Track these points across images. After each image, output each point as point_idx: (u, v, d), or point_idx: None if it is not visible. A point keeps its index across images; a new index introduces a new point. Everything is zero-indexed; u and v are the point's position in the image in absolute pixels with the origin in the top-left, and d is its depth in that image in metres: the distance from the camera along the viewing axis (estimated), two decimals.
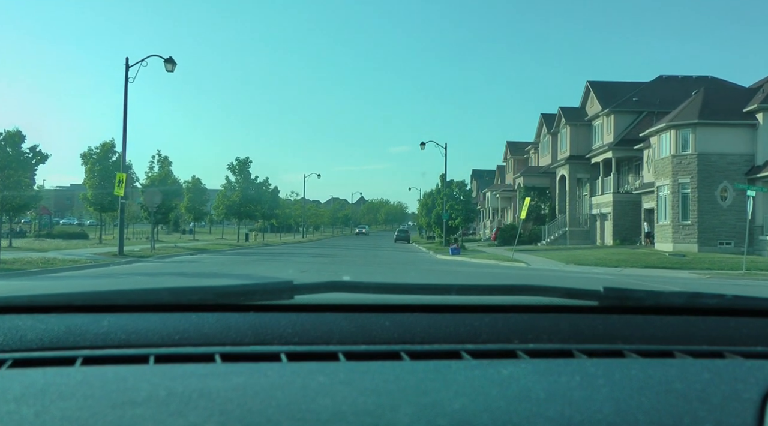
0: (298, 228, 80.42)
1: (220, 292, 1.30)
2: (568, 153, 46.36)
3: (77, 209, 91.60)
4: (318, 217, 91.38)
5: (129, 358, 1.05)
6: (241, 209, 48.03)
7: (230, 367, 1.00)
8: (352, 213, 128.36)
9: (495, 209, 67.95)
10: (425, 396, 0.87)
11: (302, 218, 79.90)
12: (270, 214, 56.05)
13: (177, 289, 1.31)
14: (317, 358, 1.08)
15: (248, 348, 1.11)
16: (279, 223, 66.47)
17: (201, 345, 1.12)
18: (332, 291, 1.31)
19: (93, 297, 1.32)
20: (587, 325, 1.27)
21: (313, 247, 46.86)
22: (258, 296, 1.29)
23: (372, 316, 1.24)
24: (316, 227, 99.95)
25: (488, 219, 70.26)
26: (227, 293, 1.29)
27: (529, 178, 51.71)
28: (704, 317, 1.34)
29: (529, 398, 0.87)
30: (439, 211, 50.57)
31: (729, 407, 0.86)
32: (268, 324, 1.19)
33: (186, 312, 1.24)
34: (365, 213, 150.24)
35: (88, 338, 1.12)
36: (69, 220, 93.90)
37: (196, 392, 0.85)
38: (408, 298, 1.36)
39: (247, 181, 48.94)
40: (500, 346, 1.16)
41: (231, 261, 25.17)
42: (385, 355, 1.10)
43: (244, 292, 1.29)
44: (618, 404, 0.86)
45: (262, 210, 54.90)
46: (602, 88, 45.34)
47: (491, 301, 1.39)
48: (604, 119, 43.37)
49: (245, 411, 0.80)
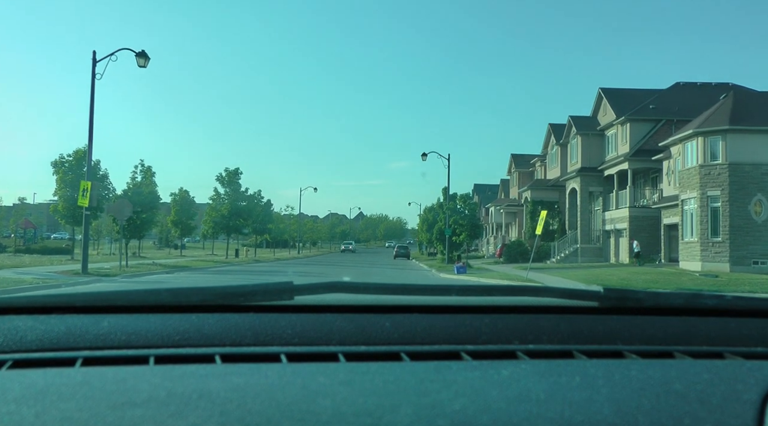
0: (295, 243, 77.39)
1: (220, 292, 1.30)
2: (579, 164, 43.51)
3: None
4: (315, 233, 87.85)
5: (129, 358, 1.05)
6: (230, 223, 44.84)
7: (230, 368, 1.00)
8: (350, 228, 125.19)
9: (499, 224, 65.21)
10: (425, 397, 0.87)
11: (298, 233, 76.90)
12: (262, 229, 53.00)
13: (177, 290, 1.32)
14: (317, 358, 1.08)
15: (248, 349, 1.11)
16: (273, 238, 63.10)
17: (201, 346, 1.12)
18: (332, 292, 1.31)
19: (93, 298, 1.33)
20: (587, 325, 1.27)
21: (306, 263, 44.09)
22: (258, 297, 1.29)
23: (372, 317, 1.25)
24: (314, 243, 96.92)
25: (491, 235, 67.46)
26: (227, 294, 1.30)
27: (536, 192, 48.79)
28: (704, 318, 1.34)
29: (529, 399, 0.87)
30: (441, 227, 47.66)
31: (729, 408, 0.86)
32: (268, 325, 1.19)
33: (186, 313, 1.24)
34: (364, 228, 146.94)
35: (88, 339, 1.12)
36: (61, 234, 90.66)
37: (196, 393, 0.86)
38: (408, 299, 1.37)
39: (237, 193, 45.75)
40: (500, 346, 1.17)
41: (206, 280, 22.83)
42: (385, 356, 1.10)
43: (244, 292, 1.29)
44: (618, 405, 0.86)
45: (253, 224, 52.02)
46: (616, 95, 42.61)
47: (491, 301, 1.39)
48: (618, 128, 40.58)
49: (245, 412, 0.81)
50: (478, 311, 1.31)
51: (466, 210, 44.29)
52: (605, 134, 42.84)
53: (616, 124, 40.55)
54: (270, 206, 54.41)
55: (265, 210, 53.66)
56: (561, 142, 47.40)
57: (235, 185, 45.42)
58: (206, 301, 1.29)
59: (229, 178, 45.34)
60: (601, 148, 43.15)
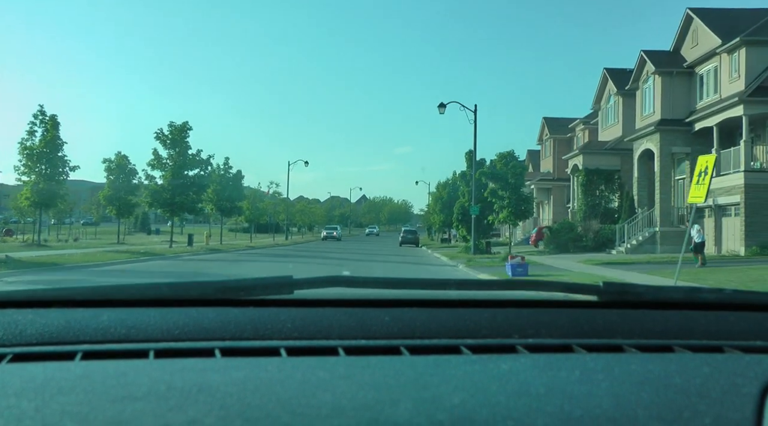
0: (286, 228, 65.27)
1: (220, 286, 1.31)
2: (657, 115, 31.23)
3: None
4: (308, 215, 75.09)
5: (129, 352, 1.05)
6: (175, 198, 32.63)
7: (230, 362, 1.00)
8: (351, 211, 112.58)
9: None
10: (425, 391, 0.87)
11: (286, 216, 64.78)
12: (230, 208, 40.92)
13: (177, 284, 1.33)
14: (317, 352, 1.08)
15: (248, 343, 1.11)
16: (251, 220, 50.97)
17: (201, 340, 1.12)
18: (332, 286, 1.32)
19: (93, 292, 1.34)
20: (587, 319, 1.27)
21: (287, 253, 32.34)
22: (258, 291, 1.30)
23: (371, 311, 1.25)
24: (310, 227, 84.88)
25: None
26: (227, 288, 1.31)
27: (591, 158, 36.53)
28: (703, 312, 1.34)
29: (528, 393, 0.88)
30: (464, 203, 35.54)
31: (728, 401, 0.87)
32: (268, 319, 1.19)
33: (186, 307, 1.24)
34: (366, 212, 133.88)
35: (88, 333, 1.12)
36: None
37: (196, 387, 0.86)
38: (407, 293, 1.39)
39: (185, 158, 33.06)
40: (500, 340, 1.17)
41: None
42: (385, 350, 1.10)
43: (243, 286, 1.30)
44: (617, 399, 0.87)
45: (218, 201, 39.84)
46: (713, 16, 30.24)
47: (491, 295, 1.40)
48: (723, 59, 28.27)
49: (245, 405, 0.81)
50: (478, 305, 1.31)
51: (510, 176, 29.57)
52: (696, 72, 30.56)
53: (721, 54, 28.21)
54: (240, 178, 42.19)
55: (234, 183, 41.51)
56: (625, 90, 35.10)
57: (182, 146, 32.78)
58: (206, 295, 1.30)
59: (174, 136, 32.67)
60: (687, 93, 30.87)
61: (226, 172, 41.37)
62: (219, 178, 40.64)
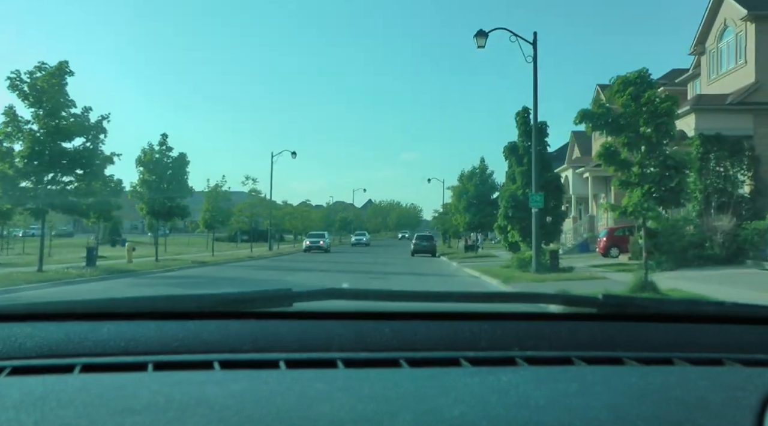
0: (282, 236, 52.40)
1: (219, 299, 1.30)
2: None
3: None
4: (299, 220, 62.13)
5: (128, 365, 1.05)
6: (38, 189, 19.27)
7: (229, 375, 1.01)
8: (354, 216, 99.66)
9: (579, 198, 40.29)
10: (424, 403, 0.87)
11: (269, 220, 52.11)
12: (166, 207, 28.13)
13: (175, 297, 1.34)
14: (316, 365, 1.07)
15: (247, 355, 1.11)
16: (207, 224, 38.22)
17: (200, 352, 1.12)
18: (331, 298, 1.32)
19: (92, 305, 1.34)
20: (586, 332, 1.27)
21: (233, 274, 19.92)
22: (257, 303, 1.30)
23: (371, 324, 1.24)
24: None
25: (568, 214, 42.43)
26: (226, 301, 1.30)
27: (708, 118, 23.38)
28: (703, 325, 1.34)
29: (528, 405, 0.87)
30: (515, 191, 22.82)
31: (728, 414, 0.87)
32: (267, 331, 1.19)
33: (185, 319, 1.24)
34: (372, 217, 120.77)
35: (87, 346, 1.12)
36: None
37: (195, 399, 0.86)
38: (407, 306, 1.37)
39: (59, 120, 19.56)
40: (499, 353, 1.16)
41: None
42: (384, 363, 1.09)
43: (243, 299, 1.30)
44: (616, 411, 0.87)
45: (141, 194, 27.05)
46: None
47: (490, 308, 1.39)
48: None
49: (244, 418, 0.81)
50: (478, 318, 1.30)
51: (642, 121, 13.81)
52: None
53: None
54: (185, 164, 29.32)
55: (175, 172, 28.79)
56: (757, 14, 22.30)
57: (55, 103, 19.34)
58: (205, 307, 1.29)
59: (43, 84, 19.20)
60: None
61: (163, 154, 28.67)
62: (149, 162, 27.94)
